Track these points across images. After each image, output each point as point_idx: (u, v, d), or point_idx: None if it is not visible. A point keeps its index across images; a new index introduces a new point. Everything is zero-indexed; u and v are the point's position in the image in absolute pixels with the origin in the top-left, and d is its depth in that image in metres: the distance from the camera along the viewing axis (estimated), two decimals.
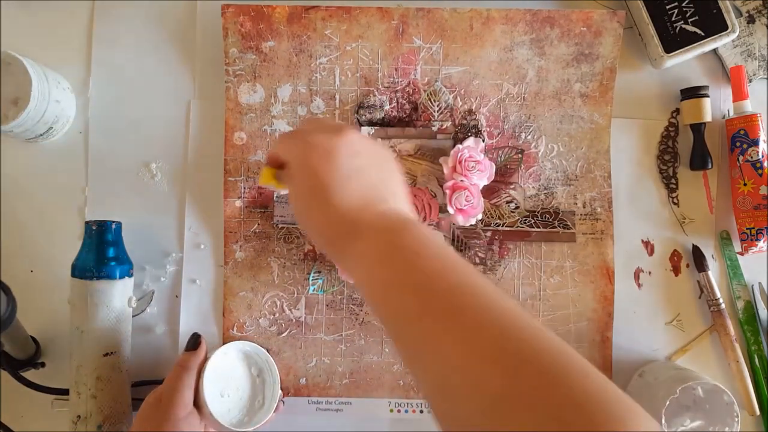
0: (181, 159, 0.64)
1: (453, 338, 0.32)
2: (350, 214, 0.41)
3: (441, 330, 0.33)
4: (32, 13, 0.64)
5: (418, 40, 0.63)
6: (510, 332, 0.31)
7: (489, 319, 0.32)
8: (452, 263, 0.37)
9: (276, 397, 0.58)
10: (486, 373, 0.30)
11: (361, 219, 0.41)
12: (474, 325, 0.32)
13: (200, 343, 0.57)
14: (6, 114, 0.56)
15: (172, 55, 0.64)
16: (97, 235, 0.57)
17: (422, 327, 0.34)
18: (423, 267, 0.37)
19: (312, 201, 0.42)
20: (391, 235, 0.39)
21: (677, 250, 0.65)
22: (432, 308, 0.34)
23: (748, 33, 0.65)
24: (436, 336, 0.33)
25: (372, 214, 0.41)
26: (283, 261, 0.63)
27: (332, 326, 0.62)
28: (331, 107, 0.63)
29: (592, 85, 0.64)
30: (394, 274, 0.37)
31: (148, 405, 0.53)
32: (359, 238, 0.40)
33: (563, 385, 0.28)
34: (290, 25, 0.63)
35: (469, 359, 0.31)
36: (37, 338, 0.60)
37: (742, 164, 0.62)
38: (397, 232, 0.39)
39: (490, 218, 0.63)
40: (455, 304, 0.34)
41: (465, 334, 0.32)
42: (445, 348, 0.32)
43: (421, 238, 0.39)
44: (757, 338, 0.63)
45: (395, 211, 0.42)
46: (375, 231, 0.40)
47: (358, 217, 0.41)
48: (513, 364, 0.29)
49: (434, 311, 0.34)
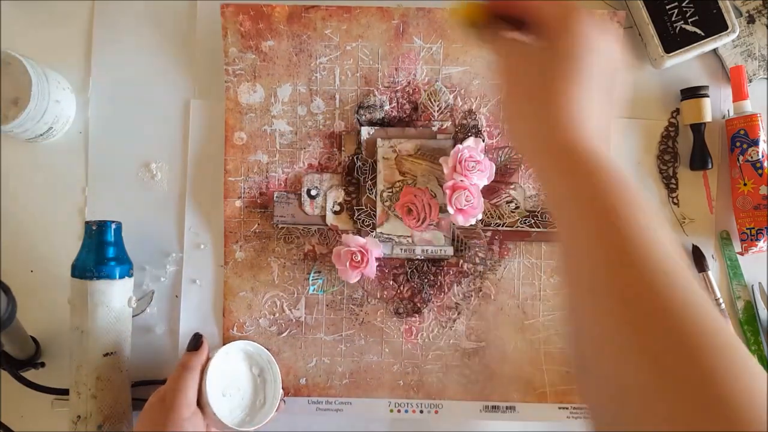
0: (181, 159, 0.64)
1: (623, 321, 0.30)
2: (570, 130, 0.36)
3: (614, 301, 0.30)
4: (32, 13, 0.64)
5: (418, 40, 0.63)
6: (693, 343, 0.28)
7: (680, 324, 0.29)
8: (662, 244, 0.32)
9: (277, 396, 0.58)
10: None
11: (577, 141, 0.36)
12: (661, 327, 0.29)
13: (202, 343, 0.57)
14: (6, 114, 0.56)
15: (172, 55, 0.64)
16: (97, 235, 0.57)
17: (596, 283, 0.32)
18: (620, 231, 0.32)
19: (546, 83, 0.37)
20: (594, 178, 0.34)
21: None
22: (614, 284, 0.31)
23: (748, 33, 0.65)
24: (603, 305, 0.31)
25: (589, 142, 0.36)
26: (283, 261, 0.63)
27: (332, 326, 0.62)
28: (331, 107, 0.63)
29: None
30: (590, 216, 0.34)
31: (152, 405, 0.52)
32: (567, 158, 0.36)
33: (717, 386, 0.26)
34: (290, 24, 0.63)
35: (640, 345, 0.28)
36: (37, 338, 0.60)
37: (742, 164, 0.62)
38: (597, 172, 0.35)
39: (490, 218, 0.63)
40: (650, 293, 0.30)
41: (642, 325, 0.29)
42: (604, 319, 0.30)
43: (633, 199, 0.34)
44: (757, 338, 0.63)
45: (601, 150, 0.36)
46: (590, 165, 0.35)
47: (575, 136, 0.36)
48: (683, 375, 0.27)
49: (615, 287, 0.31)
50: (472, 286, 0.63)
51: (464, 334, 0.63)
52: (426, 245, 0.62)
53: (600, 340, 0.31)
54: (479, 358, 0.62)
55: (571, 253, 0.35)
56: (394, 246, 0.62)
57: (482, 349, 0.62)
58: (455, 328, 0.63)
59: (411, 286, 0.63)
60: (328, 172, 0.63)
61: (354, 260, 0.59)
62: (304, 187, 0.63)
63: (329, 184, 0.63)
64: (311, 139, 0.63)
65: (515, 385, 0.62)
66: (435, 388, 0.62)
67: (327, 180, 0.63)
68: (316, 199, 0.63)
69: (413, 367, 0.62)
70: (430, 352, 0.62)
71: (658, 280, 0.30)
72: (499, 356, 0.62)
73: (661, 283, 0.30)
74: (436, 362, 0.62)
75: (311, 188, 0.63)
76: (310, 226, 0.63)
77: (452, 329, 0.63)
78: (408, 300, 0.63)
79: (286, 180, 0.63)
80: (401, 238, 0.62)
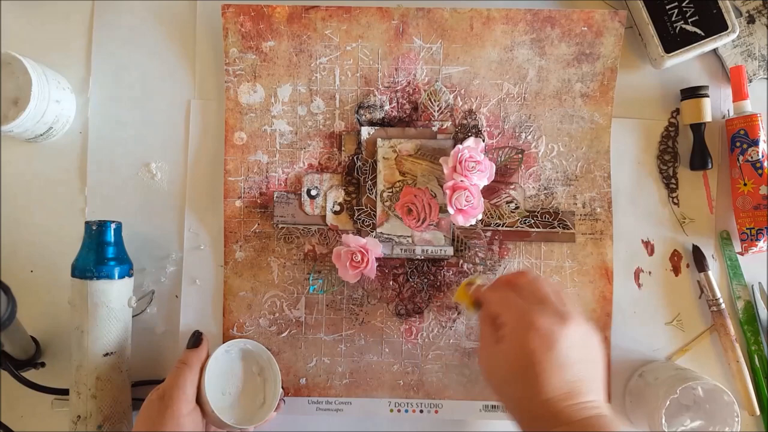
0: (181, 159, 0.64)
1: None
2: (553, 403, 0.43)
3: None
4: (32, 13, 0.64)
5: (418, 40, 0.63)
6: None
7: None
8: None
9: (277, 395, 0.58)
10: None
11: (562, 410, 0.43)
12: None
13: (202, 341, 0.57)
14: (6, 114, 0.56)
15: (172, 55, 0.64)
16: (97, 235, 0.57)
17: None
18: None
19: (519, 378, 0.44)
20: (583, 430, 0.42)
21: (677, 250, 0.65)
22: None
23: (748, 33, 0.65)
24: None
25: (574, 407, 0.43)
26: (283, 261, 0.63)
27: (332, 326, 0.62)
28: (331, 107, 0.63)
29: (593, 85, 0.64)
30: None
31: (151, 402, 0.52)
32: (553, 425, 0.42)
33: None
34: (290, 25, 0.63)
35: None
36: (37, 338, 0.60)
37: (742, 164, 0.62)
38: (586, 428, 0.42)
39: (490, 218, 0.63)
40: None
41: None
42: None
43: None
44: (757, 338, 0.63)
45: (595, 406, 0.44)
46: (569, 423, 0.42)
47: (559, 407, 0.43)
48: None
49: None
50: None
51: (464, 334, 0.63)
52: (426, 245, 0.62)
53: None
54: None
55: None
56: (394, 246, 0.62)
57: None
58: (455, 328, 0.63)
59: (411, 286, 0.63)
60: (328, 172, 0.63)
61: (354, 260, 0.59)
62: (304, 187, 0.63)
63: (329, 184, 0.63)
64: (311, 139, 0.63)
65: None
66: (435, 388, 0.62)
67: (327, 180, 0.63)
68: (316, 199, 0.63)
69: (413, 367, 0.62)
70: (430, 352, 0.62)
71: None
72: None
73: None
74: (436, 362, 0.62)
75: (311, 188, 0.63)
76: (310, 226, 0.63)
77: (452, 329, 0.63)
78: (408, 300, 0.63)
79: (286, 180, 0.63)
80: (401, 238, 0.62)
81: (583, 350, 0.46)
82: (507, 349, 0.46)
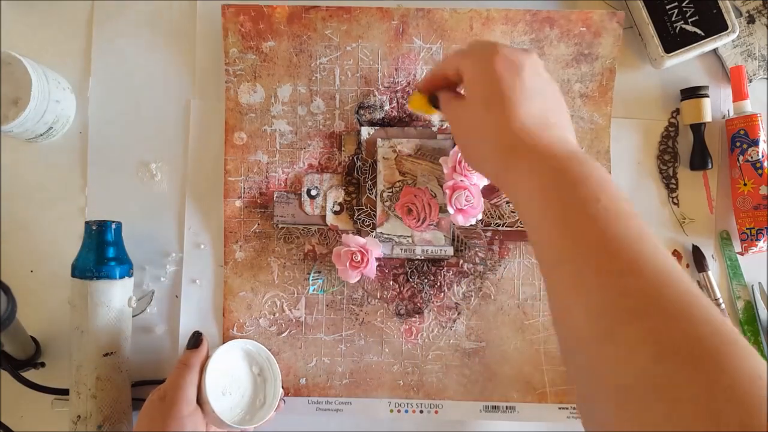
0: (181, 159, 0.64)
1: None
2: (524, 131, 0.40)
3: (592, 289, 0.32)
4: (32, 13, 0.64)
5: (418, 41, 0.63)
6: (691, 327, 0.29)
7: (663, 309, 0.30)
8: (624, 216, 0.34)
9: (277, 396, 0.58)
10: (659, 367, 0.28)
11: (533, 138, 0.40)
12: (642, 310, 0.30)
13: (202, 341, 0.57)
14: (6, 114, 0.56)
15: (172, 55, 0.64)
16: (97, 235, 0.57)
17: (565, 274, 0.34)
18: (588, 212, 0.35)
19: (488, 110, 0.42)
20: (562, 163, 0.38)
21: (677, 250, 0.65)
22: (584, 260, 0.33)
23: (748, 33, 0.65)
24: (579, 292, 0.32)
25: (545, 136, 0.40)
26: (283, 261, 0.63)
27: (332, 326, 0.62)
28: (331, 107, 0.63)
29: (592, 85, 0.64)
30: (556, 207, 0.36)
31: (152, 403, 0.52)
32: (528, 157, 0.39)
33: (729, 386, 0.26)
34: (290, 25, 0.63)
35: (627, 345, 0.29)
36: (37, 338, 0.60)
37: (742, 164, 0.62)
38: (567, 162, 0.38)
39: (490, 218, 0.63)
40: (618, 268, 0.32)
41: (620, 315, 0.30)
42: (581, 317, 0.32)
43: (590, 176, 0.37)
44: (757, 338, 0.63)
45: (566, 140, 0.41)
46: (546, 155, 0.39)
47: (530, 135, 0.40)
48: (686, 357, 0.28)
49: (586, 262, 0.33)
50: (472, 286, 0.63)
51: (464, 334, 0.63)
52: (426, 245, 0.62)
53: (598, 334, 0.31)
54: (479, 358, 0.62)
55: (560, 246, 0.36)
56: (394, 246, 0.62)
57: (482, 349, 0.62)
58: (455, 328, 0.63)
59: (411, 286, 0.63)
60: (328, 172, 0.63)
61: (354, 260, 0.59)
62: (304, 187, 0.63)
63: (329, 184, 0.63)
64: (311, 139, 0.63)
65: (515, 385, 0.62)
66: (435, 388, 0.62)
67: (327, 180, 0.63)
68: (316, 199, 0.63)
69: (413, 367, 0.62)
70: (430, 352, 0.62)
71: (655, 280, 0.31)
72: (499, 356, 0.62)
73: (659, 283, 0.31)
74: (436, 362, 0.62)
75: (311, 188, 0.63)
76: (310, 226, 0.63)
77: (452, 329, 0.63)
78: (408, 300, 0.63)
79: (286, 180, 0.63)
80: (401, 238, 0.62)
81: (548, 82, 0.44)
82: (475, 90, 0.43)
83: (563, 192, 0.37)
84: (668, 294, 0.30)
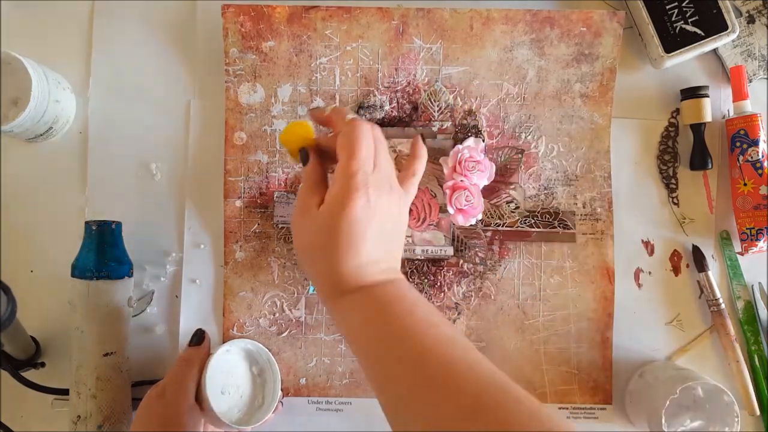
0: (181, 159, 0.64)
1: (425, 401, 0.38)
2: (352, 275, 0.44)
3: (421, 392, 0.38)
4: (32, 13, 0.64)
5: (418, 40, 0.63)
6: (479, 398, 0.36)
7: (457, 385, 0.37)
8: (425, 326, 0.41)
9: (276, 397, 0.58)
10: None
11: (358, 281, 0.44)
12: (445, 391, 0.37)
13: (204, 339, 0.57)
14: (6, 114, 0.56)
15: (172, 56, 0.64)
16: (97, 235, 0.57)
17: (403, 393, 0.40)
18: (402, 327, 0.41)
19: (326, 248, 0.44)
20: (382, 290, 0.44)
21: (677, 250, 0.65)
22: (407, 375, 0.39)
23: (748, 33, 0.65)
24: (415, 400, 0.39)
25: (369, 273, 0.45)
26: (283, 261, 0.63)
27: (332, 326, 0.62)
28: None
29: (592, 85, 0.64)
30: (379, 323, 0.42)
31: (151, 398, 0.52)
32: (352, 296, 0.44)
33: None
34: (290, 25, 0.63)
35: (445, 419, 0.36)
36: (37, 338, 0.60)
37: (742, 164, 0.62)
38: (384, 287, 0.44)
39: (490, 218, 0.63)
40: (427, 374, 0.38)
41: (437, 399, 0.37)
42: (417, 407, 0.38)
43: (400, 297, 0.44)
44: (757, 338, 0.63)
45: (389, 270, 0.46)
46: (369, 290, 0.44)
47: (357, 278, 0.44)
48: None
49: (409, 378, 0.39)
50: (472, 286, 0.63)
51: (464, 334, 0.63)
52: (426, 245, 0.62)
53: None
54: None
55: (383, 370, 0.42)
56: None
57: (482, 349, 0.62)
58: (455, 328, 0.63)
59: None
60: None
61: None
62: None
63: None
64: None
65: None
66: None
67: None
68: None
69: None
70: None
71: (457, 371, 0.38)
72: (499, 356, 0.62)
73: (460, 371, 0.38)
74: None
75: None
76: None
77: None
78: None
79: (286, 180, 0.63)
80: None
81: (395, 224, 0.47)
82: (326, 215, 0.45)
83: (382, 314, 0.43)
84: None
